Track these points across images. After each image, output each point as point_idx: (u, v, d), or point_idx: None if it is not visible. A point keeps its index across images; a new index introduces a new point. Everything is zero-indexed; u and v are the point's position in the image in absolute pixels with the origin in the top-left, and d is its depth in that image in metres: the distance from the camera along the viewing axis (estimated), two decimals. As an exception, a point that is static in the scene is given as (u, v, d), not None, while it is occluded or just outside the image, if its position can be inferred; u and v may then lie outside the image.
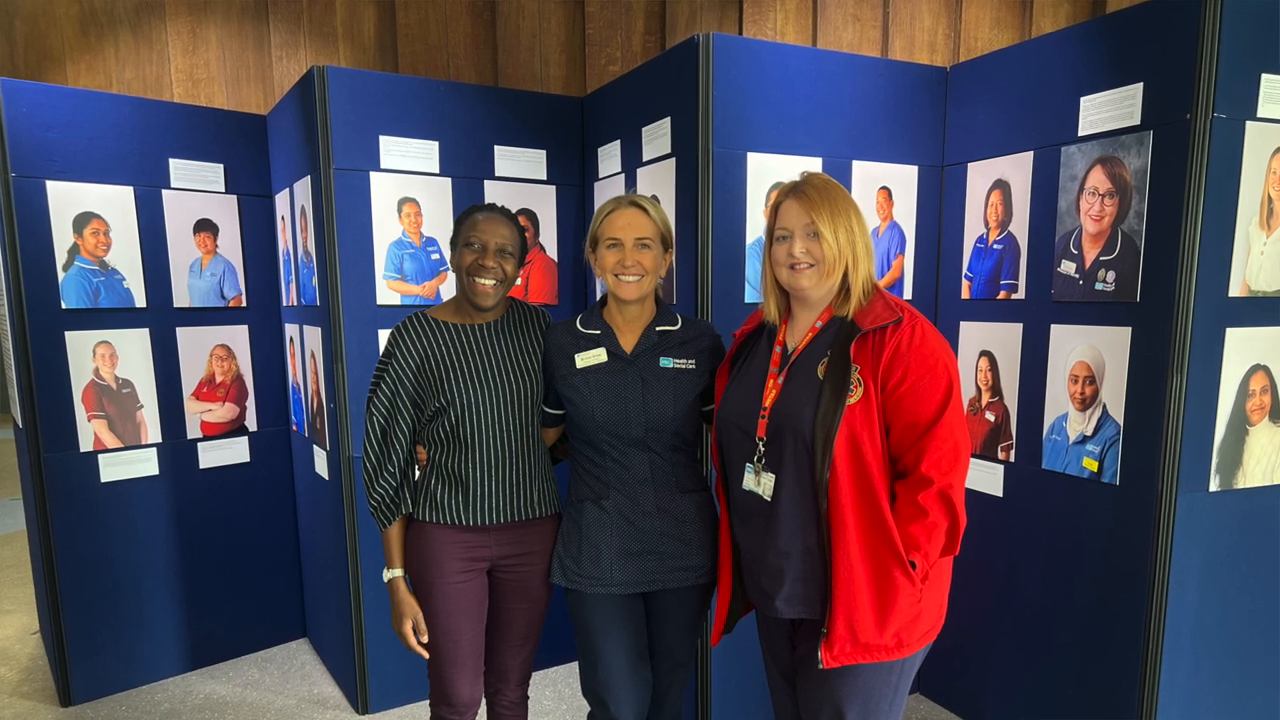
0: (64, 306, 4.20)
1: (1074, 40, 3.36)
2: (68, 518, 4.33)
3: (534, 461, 2.89)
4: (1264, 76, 2.96)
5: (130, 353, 4.42)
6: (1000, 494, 3.76)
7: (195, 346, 4.64)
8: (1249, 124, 2.97)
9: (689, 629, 2.89)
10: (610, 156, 4.20)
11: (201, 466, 4.72)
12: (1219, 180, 2.96)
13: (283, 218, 4.64)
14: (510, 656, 3.03)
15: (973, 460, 3.78)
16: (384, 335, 3.97)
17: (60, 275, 4.17)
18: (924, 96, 3.93)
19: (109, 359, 4.35)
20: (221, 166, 4.63)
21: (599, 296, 3.00)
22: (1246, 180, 3.00)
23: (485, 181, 4.25)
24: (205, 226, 4.60)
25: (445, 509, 2.81)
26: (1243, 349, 3.11)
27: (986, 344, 3.79)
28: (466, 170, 4.18)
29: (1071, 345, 3.39)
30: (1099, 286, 3.26)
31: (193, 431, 4.68)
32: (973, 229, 3.86)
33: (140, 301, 4.43)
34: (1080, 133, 3.33)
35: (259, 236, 4.80)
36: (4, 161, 4.00)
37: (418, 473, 2.93)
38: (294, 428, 4.93)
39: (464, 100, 4.16)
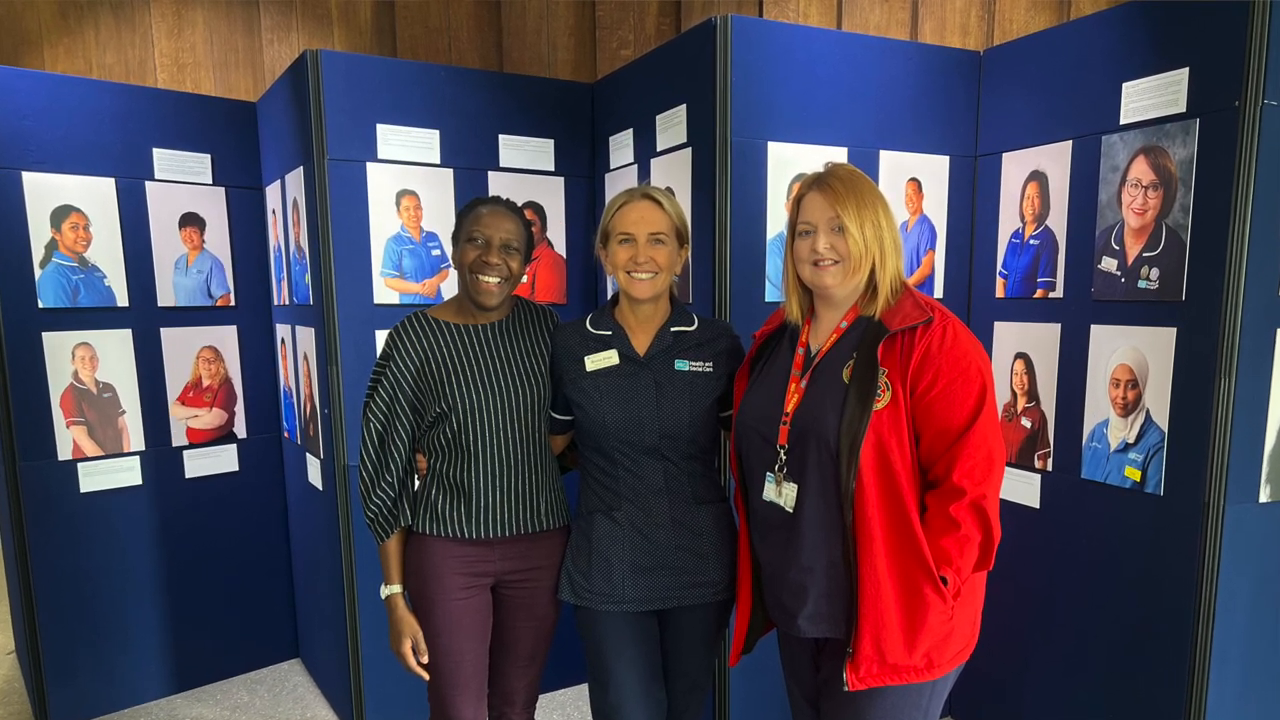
0: (41, 306, 4.22)
1: (1116, 23, 3.37)
2: (45, 530, 4.35)
3: (541, 471, 2.90)
4: (1318, 61, 2.97)
5: (111, 355, 4.45)
6: (1037, 505, 3.77)
7: (181, 348, 4.66)
8: (1302, 111, 2.98)
9: (706, 649, 2.91)
10: (622, 146, 4.22)
11: (187, 476, 4.75)
12: (1269, 171, 2.96)
13: (274, 211, 4.66)
14: (516, 678, 3.04)
15: (1008, 469, 3.78)
16: (381, 336, 3.99)
17: (37, 272, 4.20)
18: (956, 82, 3.94)
19: (89, 361, 4.38)
20: (208, 157, 4.66)
21: (610, 295, 3.01)
22: (1300, 171, 3.01)
23: (489, 173, 4.27)
24: (191, 220, 4.62)
25: (446, 521, 2.83)
26: (1296, 351, 3.11)
27: (1022, 345, 3.80)
28: (469, 161, 4.20)
29: (1113, 347, 3.40)
30: (1142, 284, 3.27)
31: (178, 439, 4.70)
32: (1008, 223, 3.87)
33: (122, 300, 4.45)
34: (1122, 121, 3.33)
35: (248, 231, 4.83)
36: (-21, 152, 4.04)
37: (417, 482, 2.94)
38: (286, 435, 4.96)
39: (467, 86, 4.18)
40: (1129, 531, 3.39)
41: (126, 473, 4.55)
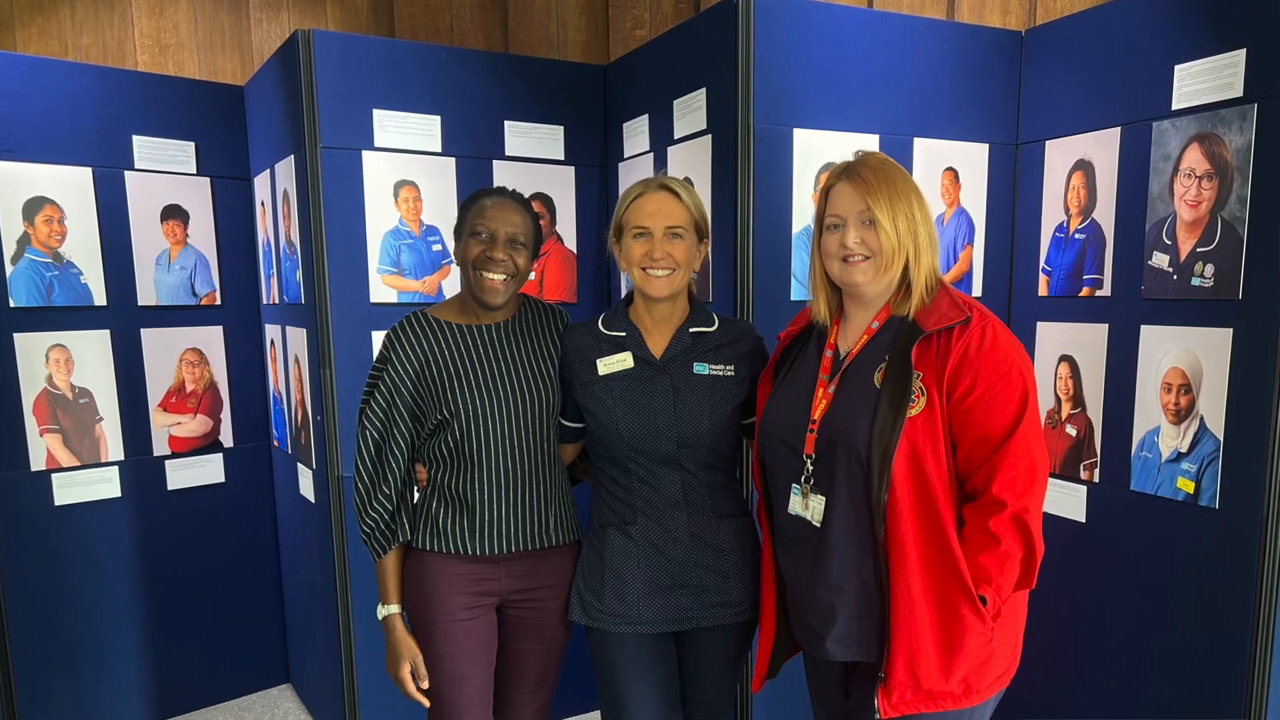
0: (12, 305, 4.25)
1: (1168, 1, 3.37)
2: (16, 546, 4.37)
3: (550, 482, 2.92)
4: (1386, 41, 2.97)
5: (88, 357, 4.48)
6: (1083, 519, 3.78)
7: (163, 350, 4.69)
8: (1368, 95, 2.98)
9: (727, 673, 2.92)
10: (637, 133, 4.24)
11: (170, 487, 4.77)
12: (1334, 160, 2.96)
13: (262, 203, 4.69)
14: (523, 705, 3.06)
15: (1051, 480, 3.78)
16: (378, 337, 4.00)
17: (8, 269, 4.23)
18: (996, 64, 3.95)
19: (64, 365, 4.40)
20: (192, 145, 4.68)
21: (624, 293, 3.02)
22: (1366, 160, 3.01)
23: (494, 162, 4.28)
24: (174, 213, 4.65)
25: (448, 536, 2.84)
26: (1363, 353, 3.11)
27: (1067, 347, 3.80)
28: (472, 149, 4.22)
29: (1164, 349, 3.41)
30: (1196, 282, 3.27)
31: (160, 448, 4.73)
32: (1051, 216, 3.88)
33: (100, 299, 4.48)
34: (1174, 106, 3.34)
35: (235, 225, 4.86)
36: (-53, 140, 4.07)
37: (417, 495, 2.96)
38: (275, 443, 4.98)
39: (470, 69, 4.19)
40: (1182, 547, 3.39)
41: (104, 484, 4.57)
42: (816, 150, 3.63)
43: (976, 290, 4.03)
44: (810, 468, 2.45)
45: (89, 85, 4.38)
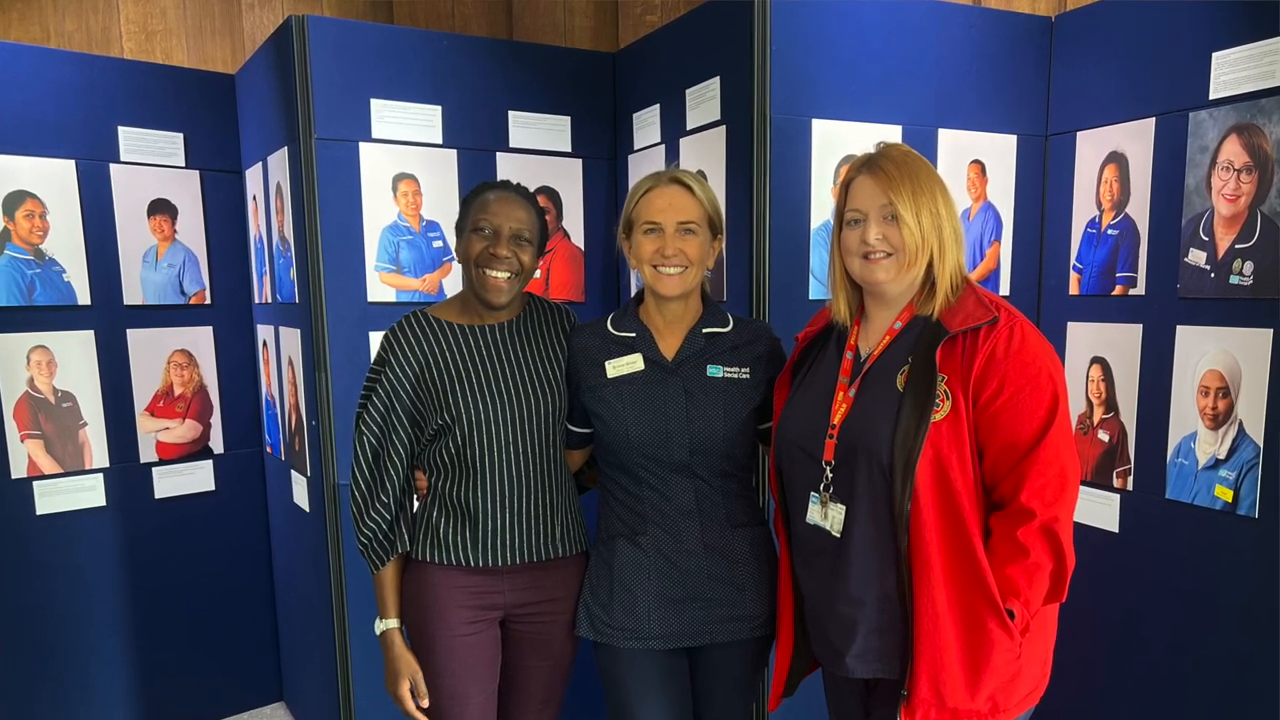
0: (-8, 304, 4.28)
1: (1205, -16, 3.37)
2: (-3, 556, 4.40)
3: (556, 490, 2.92)
4: None
5: (72, 359, 4.49)
6: (1115, 529, 3.77)
7: (149, 352, 4.70)
8: None
9: (742, 691, 2.92)
10: (647, 124, 4.24)
11: (157, 496, 4.78)
12: (1381, 152, 2.96)
13: (254, 197, 4.69)
14: (528, 725, 3.07)
15: (1082, 489, 3.78)
16: (376, 338, 3.99)
17: (-12, 266, 4.25)
18: (1025, 52, 3.94)
19: (46, 367, 4.41)
20: (181, 136, 4.70)
21: (634, 292, 3.02)
22: None
23: (498, 154, 4.28)
24: (162, 208, 4.66)
25: (450, 547, 2.85)
26: None
27: (1099, 349, 3.80)
28: (475, 141, 4.22)
29: (1201, 350, 3.40)
30: (1234, 280, 3.27)
31: (146, 454, 4.74)
32: (1083, 211, 3.87)
33: (84, 298, 4.49)
34: (1212, 96, 3.33)
35: (226, 220, 4.87)
36: (-76, 131, 4.09)
37: (416, 503, 2.96)
38: (268, 449, 4.99)
39: (472, 57, 4.19)
40: (1219, 558, 3.39)
41: (88, 492, 4.58)
42: (836, 142, 3.62)
43: (1004, 289, 4.03)
44: (829, 475, 2.45)
45: (72, 73, 4.39)
